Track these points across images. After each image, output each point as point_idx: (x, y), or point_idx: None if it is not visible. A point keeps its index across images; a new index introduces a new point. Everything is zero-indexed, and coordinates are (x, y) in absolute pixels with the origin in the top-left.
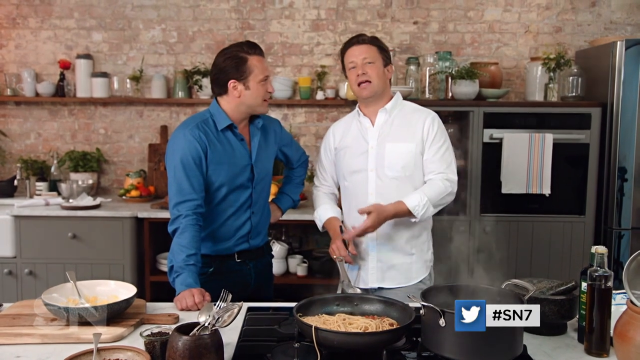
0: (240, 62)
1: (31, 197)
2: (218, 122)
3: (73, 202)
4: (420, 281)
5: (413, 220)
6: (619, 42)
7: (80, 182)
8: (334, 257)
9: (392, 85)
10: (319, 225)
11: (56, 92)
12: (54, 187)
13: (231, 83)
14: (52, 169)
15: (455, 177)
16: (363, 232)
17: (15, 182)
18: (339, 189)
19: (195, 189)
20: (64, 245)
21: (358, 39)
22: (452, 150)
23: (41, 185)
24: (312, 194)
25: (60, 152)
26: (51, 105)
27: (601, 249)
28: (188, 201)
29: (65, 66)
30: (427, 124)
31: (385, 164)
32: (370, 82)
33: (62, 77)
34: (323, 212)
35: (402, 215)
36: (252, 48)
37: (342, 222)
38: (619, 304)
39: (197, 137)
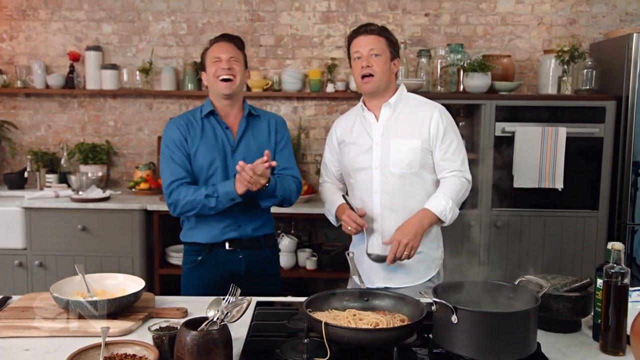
0: (203, 55)
1: (41, 189)
2: (203, 110)
3: (83, 195)
4: (429, 280)
5: (441, 225)
6: (635, 34)
7: (89, 174)
8: (348, 229)
9: (402, 78)
10: (333, 220)
11: (66, 84)
12: (63, 179)
13: (202, 74)
14: (62, 161)
15: (470, 175)
16: (394, 256)
17: (26, 174)
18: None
19: (184, 168)
20: (74, 237)
21: (366, 29)
22: (463, 145)
23: (51, 177)
24: (319, 192)
25: (70, 144)
26: (61, 97)
27: (618, 245)
28: (180, 179)
29: (75, 58)
30: (435, 120)
31: (390, 161)
32: (373, 76)
33: (72, 69)
34: (330, 205)
35: (431, 223)
36: (220, 38)
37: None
38: (635, 302)
39: (178, 124)
